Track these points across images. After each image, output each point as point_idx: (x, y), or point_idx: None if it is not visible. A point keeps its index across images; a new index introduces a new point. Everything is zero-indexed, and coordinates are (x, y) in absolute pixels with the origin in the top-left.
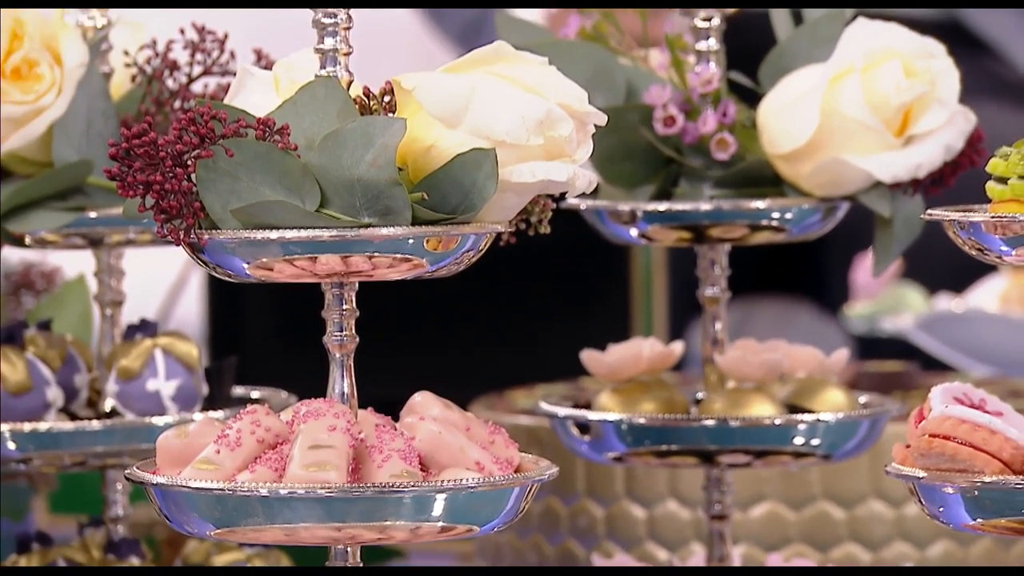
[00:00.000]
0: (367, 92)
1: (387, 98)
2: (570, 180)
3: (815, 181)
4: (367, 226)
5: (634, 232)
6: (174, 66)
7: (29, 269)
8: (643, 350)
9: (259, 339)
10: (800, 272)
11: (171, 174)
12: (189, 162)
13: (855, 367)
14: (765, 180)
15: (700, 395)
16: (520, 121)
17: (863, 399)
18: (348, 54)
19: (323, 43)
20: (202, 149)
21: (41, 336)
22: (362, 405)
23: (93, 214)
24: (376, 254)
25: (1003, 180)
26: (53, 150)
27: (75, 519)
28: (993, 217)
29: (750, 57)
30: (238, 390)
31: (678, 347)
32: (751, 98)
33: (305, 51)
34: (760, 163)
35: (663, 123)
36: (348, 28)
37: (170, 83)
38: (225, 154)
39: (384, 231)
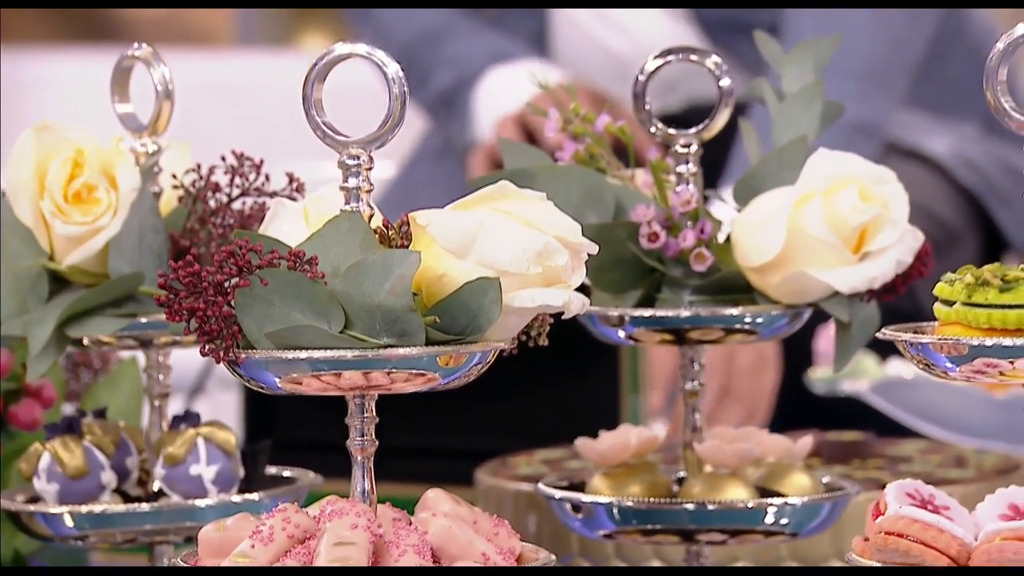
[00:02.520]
0: (386, 223)
1: (404, 228)
2: (565, 304)
3: (782, 291)
4: (386, 347)
5: (622, 334)
6: (216, 188)
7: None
8: (631, 438)
9: (290, 415)
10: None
11: (212, 302)
12: (229, 290)
13: (818, 437)
14: (738, 288)
15: (682, 474)
16: (521, 253)
17: (826, 479)
18: (369, 191)
19: (347, 182)
20: (240, 279)
21: (97, 424)
22: (382, 452)
23: (144, 319)
24: (394, 370)
25: (949, 303)
26: (109, 263)
27: None
28: (940, 339)
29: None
30: (271, 469)
31: (661, 432)
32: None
33: (331, 186)
34: (734, 274)
35: (648, 239)
36: (370, 168)
37: (212, 203)
38: (260, 283)
39: (401, 351)
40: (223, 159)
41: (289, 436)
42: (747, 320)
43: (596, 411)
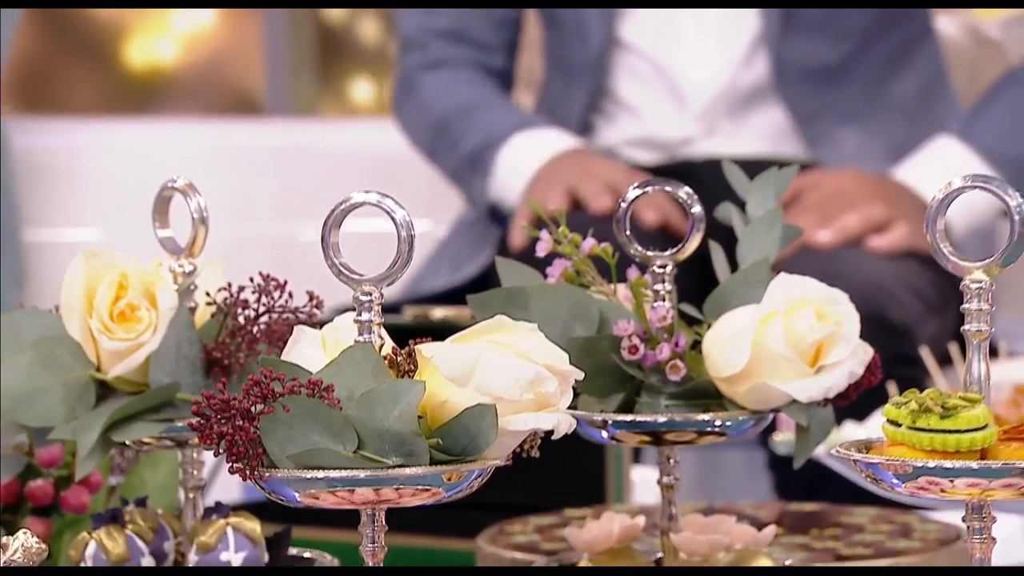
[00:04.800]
0: (395, 351)
1: (411, 355)
2: (555, 426)
3: (748, 398)
4: (395, 467)
5: (605, 435)
6: (245, 305)
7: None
8: (614, 528)
9: None
10: None
11: (240, 427)
12: (255, 416)
13: (780, 506)
14: (709, 395)
15: (659, 555)
16: (515, 382)
17: (788, 562)
18: (379, 324)
19: (360, 316)
20: (265, 406)
21: (138, 512)
22: None
23: (180, 423)
24: (402, 487)
25: (896, 423)
26: (149, 374)
27: None
28: (888, 460)
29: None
30: (292, 551)
31: (641, 520)
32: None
33: (346, 316)
34: (705, 383)
35: (628, 351)
36: (380, 303)
37: (241, 319)
38: (283, 409)
39: (408, 471)
40: (251, 279)
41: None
42: (717, 424)
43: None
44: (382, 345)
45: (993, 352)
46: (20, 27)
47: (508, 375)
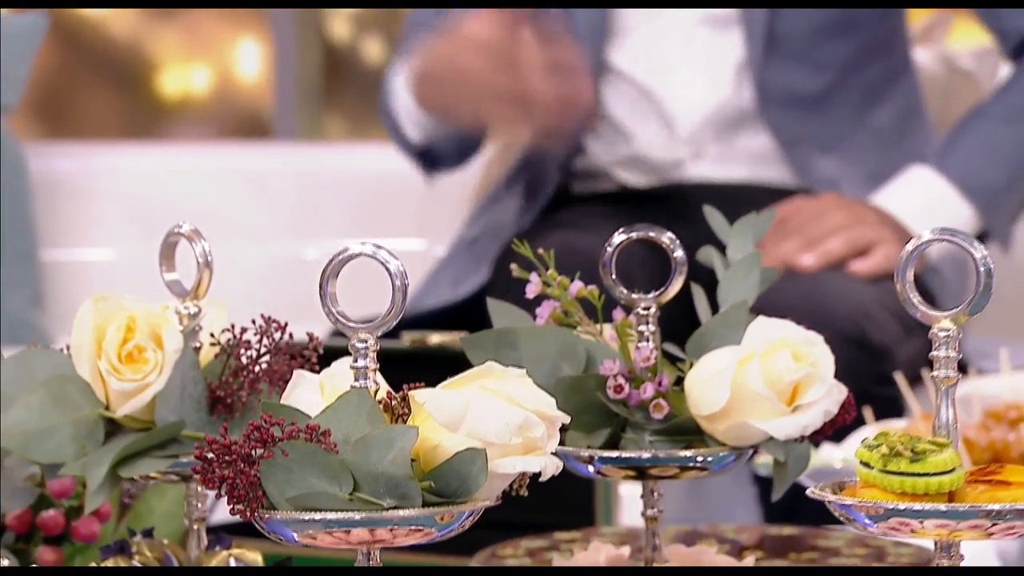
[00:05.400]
0: (390, 395)
1: (405, 399)
2: (542, 469)
3: (728, 436)
4: (389, 508)
5: (591, 469)
6: (247, 345)
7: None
8: (600, 558)
9: None
10: None
11: (241, 471)
12: (255, 461)
13: (760, 529)
14: (691, 432)
15: None
16: (504, 427)
17: None
18: (375, 370)
19: (356, 362)
20: (265, 451)
21: (145, 543)
22: None
23: (185, 459)
24: (396, 528)
25: (868, 465)
26: (156, 413)
27: None
28: (860, 502)
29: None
30: None
31: (626, 551)
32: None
33: (343, 361)
34: (687, 420)
35: (614, 390)
36: (376, 350)
37: (244, 359)
38: (282, 454)
39: (402, 513)
40: (253, 321)
41: None
42: (699, 459)
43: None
44: (377, 390)
45: (963, 370)
46: (40, 52)
47: (498, 420)
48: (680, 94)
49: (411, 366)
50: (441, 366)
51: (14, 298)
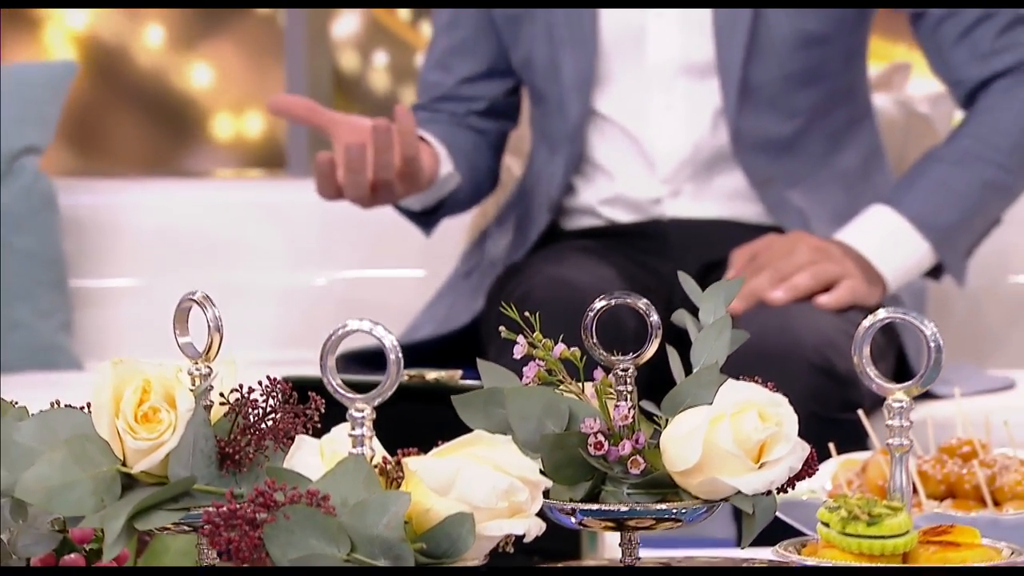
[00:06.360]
0: (385, 460)
1: (399, 464)
2: (526, 531)
3: (701, 490)
4: (384, 569)
5: (574, 520)
6: (254, 405)
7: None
8: None
9: None
10: None
11: (245, 534)
12: (259, 524)
13: (736, 561)
14: (666, 485)
15: None
16: (491, 492)
17: None
18: (371, 438)
19: (354, 430)
20: (268, 515)
21: None
22: None
23: (196, 511)
24: None
25: (828, 525)
26: (169, 469)
27: None
28: (820, 562)
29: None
30: None
31: None
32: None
33: (342, 428)
34: (663, 475)
35: (594, 447)
36: (373, 419)
37: (252, 417)
38: (284, 518)
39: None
40: (260, 383)
41: None
42: (674, 512)
43: None
44: (373, 456)
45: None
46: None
47: (485, 486)
48: (660, 137)
49: (409, 400)
50: (437, 400)
51: (46, 325)
